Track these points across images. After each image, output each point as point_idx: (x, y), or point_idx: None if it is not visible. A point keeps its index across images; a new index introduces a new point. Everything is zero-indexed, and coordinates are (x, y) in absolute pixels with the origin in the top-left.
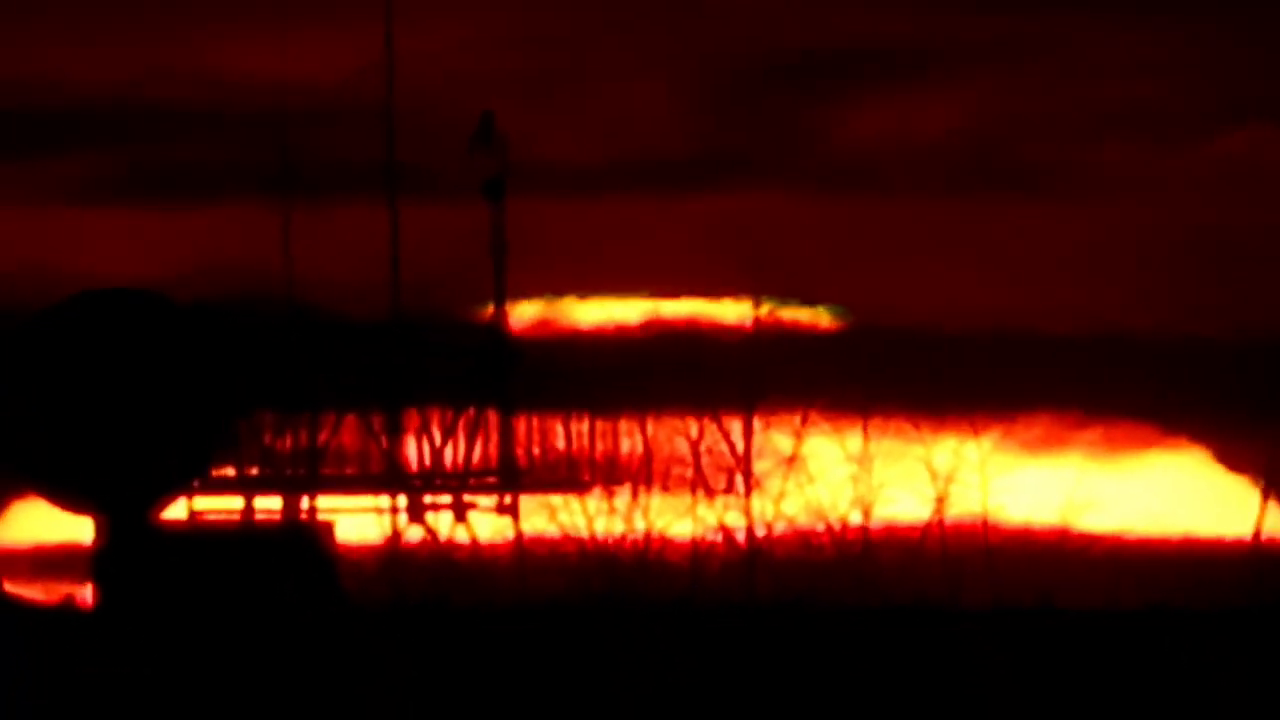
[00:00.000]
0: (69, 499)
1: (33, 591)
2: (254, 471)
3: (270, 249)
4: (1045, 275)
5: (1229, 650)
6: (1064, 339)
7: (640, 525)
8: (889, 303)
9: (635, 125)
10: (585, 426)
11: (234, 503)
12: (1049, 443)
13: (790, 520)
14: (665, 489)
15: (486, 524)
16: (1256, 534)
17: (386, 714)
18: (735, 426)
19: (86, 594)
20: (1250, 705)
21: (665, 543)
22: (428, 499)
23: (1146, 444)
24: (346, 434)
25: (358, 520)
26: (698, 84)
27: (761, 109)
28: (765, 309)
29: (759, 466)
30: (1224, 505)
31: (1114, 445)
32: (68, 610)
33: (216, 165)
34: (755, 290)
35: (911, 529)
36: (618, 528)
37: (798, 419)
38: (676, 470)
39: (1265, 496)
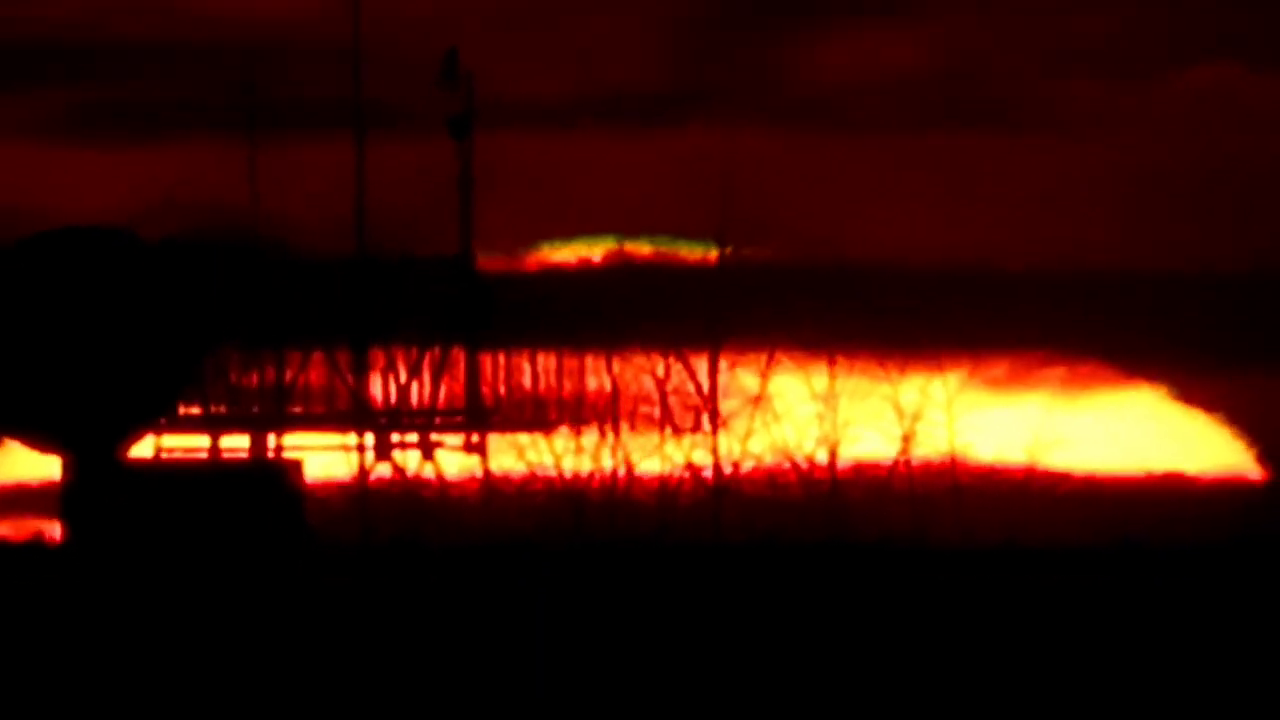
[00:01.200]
0: (36, 437)
1: (1, 528)
2: (221, 409)
3: (236, 186)
4: (1012, 212)
5: (1195, 584)
6: (1031, 276)
7: (607, 463)
8: (856, 239)
9: (603, 61)
10: (552, 365)
11: (201, 441)
12: (1015, 381)
13: (757, 458)
14: (632, 427)
15: (454, 462)
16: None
17: (353, 650)
18: (702, 365)
19: (55, 531)
20: (1215, 638)
21: (632, 481)
22: (395, 437)
23: (1111, 382)
24: (313, 372)
25: (325, 458)
26: (665, 20)
27: (730, 45)
28: (731, 247)
29: (726, 405)
30: (1185, 442)
31: (1080, 383)
32: (36, 547)
33: (181, 101)
34: (722, 227)
35: (878, 467)
36: (585, 466)
37: (764, 357)
38: (643, 409)
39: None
